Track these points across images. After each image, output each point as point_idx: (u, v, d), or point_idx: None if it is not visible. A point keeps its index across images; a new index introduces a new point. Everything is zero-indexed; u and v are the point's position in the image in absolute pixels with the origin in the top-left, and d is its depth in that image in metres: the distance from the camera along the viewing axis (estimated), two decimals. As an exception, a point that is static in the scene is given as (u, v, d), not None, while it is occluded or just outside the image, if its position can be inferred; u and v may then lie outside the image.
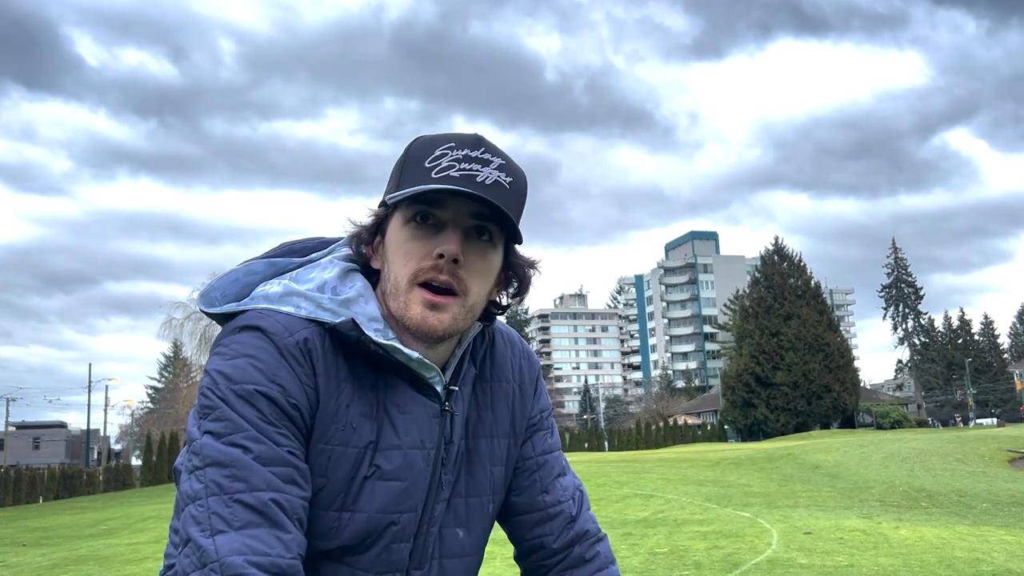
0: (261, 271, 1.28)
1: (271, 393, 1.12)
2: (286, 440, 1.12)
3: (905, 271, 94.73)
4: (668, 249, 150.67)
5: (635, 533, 11.74)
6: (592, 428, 67.72)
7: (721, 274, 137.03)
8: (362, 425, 1.18)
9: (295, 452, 1.12)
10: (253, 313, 1.20)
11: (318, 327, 1.18)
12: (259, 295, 1.23)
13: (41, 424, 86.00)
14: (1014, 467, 21.77)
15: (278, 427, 1.11)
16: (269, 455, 1.09)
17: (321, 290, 1.22)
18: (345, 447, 1.17)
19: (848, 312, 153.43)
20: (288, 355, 1.14)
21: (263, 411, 1.11)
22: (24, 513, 29.60)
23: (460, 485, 1.29)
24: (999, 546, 9.60)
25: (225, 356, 1.16)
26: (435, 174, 1.15)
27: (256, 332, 1.16)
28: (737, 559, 9.20)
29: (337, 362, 1.18)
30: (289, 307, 1.20)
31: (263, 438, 1.10)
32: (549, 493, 1.40)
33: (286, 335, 1.16)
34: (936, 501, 15.05)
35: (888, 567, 8.37)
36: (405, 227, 1.18)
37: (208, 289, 1.26)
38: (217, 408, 1.12)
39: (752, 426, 64.73)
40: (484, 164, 1.16)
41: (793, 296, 66.74)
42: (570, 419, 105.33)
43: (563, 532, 1.39)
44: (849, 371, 65.59)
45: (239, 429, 1.10)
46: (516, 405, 1.37)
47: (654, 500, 16.36)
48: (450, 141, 1.18)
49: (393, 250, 1.20)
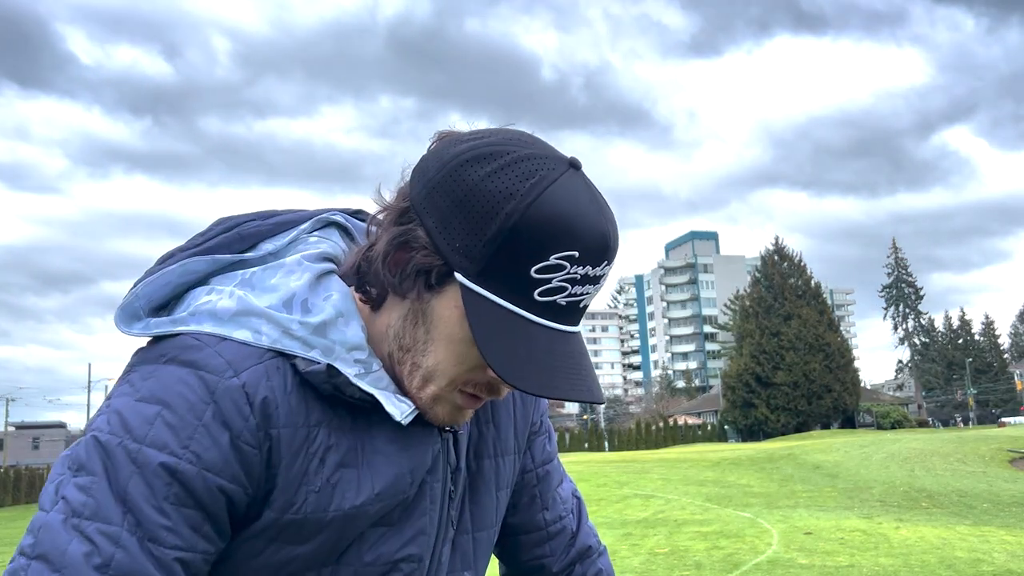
0: (201, 270, 0.94)
1: (179, 468, 0.82)
2: (174, 539, 0.82)
3: (905, 271, 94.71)
4: (668, 249, 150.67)
5: (635, 533, 11.73)
6: (592, 428, 67.73)
7: (721, 274, 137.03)
8: (344, 479, 0.90)
9: (183, 558, 0.83)
10: (188, 339, 0.88)
11: (280, 358, 0.89)
12: (203, 311, 0.90)
13: (41, 424, 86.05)
14: (1015, 467, 21.74)
15: (170, 518, 0.82)
16: (124, 566, 0.79)
17: (288, 306, 0.90)
18: (324, 512, 0.89)
19: (848, 312, 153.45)
20: (227, 405, 0.84)
21: (156, 492, 0.81)
22: (24, 513, 29.62)
23: (465, 519, 1.04)
24: (1000, 546, 9.58)
25: (136, 392, 0.86)
26: (539, 295, 0.84)
27: (186, 369, 0.86)
28: (737, 559, 9.18)
29: (306, 404, 0.89)
30: (245, 332, 0.89)
31: (132, 537, 0.80)
32: (550, 509, 1.19)
33: (227, 375, 0.85)
34: (936, 501, 15.03)
35: (889, 567, 8.35)
36: (467, 324, 0.86)
37: (131, 298, 0.93)
38: (90, 473, 0.82)
39: (752, 426, 64.72)
40: (596, 283, 0.87)
41: (793, 296, 66.74)
42: (570, 419, 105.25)
43: (564, 551, 1.21)
44: (849, 371, 65.59)
45: (103, 518, 0.80)
46: (518, 414, 1.13)
47: (654, 500, 16.34)
48: (574, 246, 0.83)
49: (445, 334, 0.88)
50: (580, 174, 0.88)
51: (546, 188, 0.84)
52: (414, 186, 0.90)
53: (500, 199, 0.83)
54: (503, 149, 0.86)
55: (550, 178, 0.84)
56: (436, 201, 0.86)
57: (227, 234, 0.97)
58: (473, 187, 0.84)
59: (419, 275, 0.88)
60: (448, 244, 0.85)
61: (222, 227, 0.98)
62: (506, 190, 0.83)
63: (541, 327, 0.85)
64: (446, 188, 0.86)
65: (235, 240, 0.97)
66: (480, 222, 0.84)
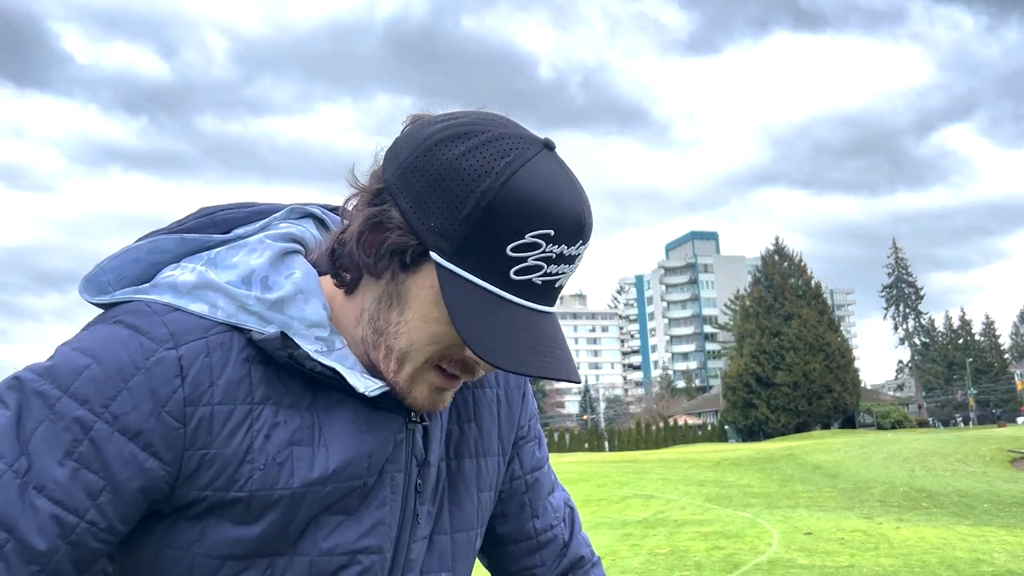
0: (171, 249, 0.94)
1: (93, 426, 0.80)
2: (62, 494, 0.79)
3: (906, 271, 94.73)
4: (668, 249, 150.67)
5: (635, 534, 11.72)
6: (592, 428, 67.80)
7: (721, 274, 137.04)
8: (294, 457, 0.87)
9: (60, 517, 0.79)
10: (140, 305, 0.88)
11: (230, 333, 0.88)
12: (163, 283, 0.90)
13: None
14: (1015, 467, 21.73)
15: (67, 473, 0.79)
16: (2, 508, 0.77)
17: (247, 282, 0.90)
18: (271, 490, 0.86)
19: (848, 312, 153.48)
20: (156, 378, 0.82)
21: (62, 444, 0.79)
22: (24, 513, 29.64)
23: (444, 519, 1.01)
24: (1000, 546, 9.58)
25: (76, 340, 0.86)
26: (515, 274, 0.84)
27: (128, 331, 0.85)
28: (738, 560, 9.18)
29: (251, 381, 0.87)
30: (201, 304, 0.88)
31: (16, 480, 0.78)
32: (540, 518, 1.15)
33: (166, 345, 0.84)
34: (937, 501, 15.03)
35: (889, 567, 8.35)
36: (442, 305, 0.85)
37: (97, 271, 0.93)
38: (4, 402, 0.81)
39: (752, 426, 64.73)
40: (572, 262, 0.87)
41: (794, 296, 66.75)
42: (570, 419, 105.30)
43: (556, 561, 1.16)
44: (850, 371, 65.60)
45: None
46: (503, 415, 1.10)
47: (654, 500, 16.34)
48: (549, 224, 0.83)
49: (419, 314, 0.87)
50: (554, 155, 0.88)
51: (521, 167, 0.83)
52: (387, 168, 0.89)
53: (475, 177, 0.83)
54: (477, 129, 0.86)
55: (525, 157, 0.84)
56: (410, 181, 0.86)
57: (202, 219, 0.98)
58: (448, 166, 0.84)
59: (394, 255, 0.87)
60: (423, 224, 0.85)
61: (199, 213, 0.99)
62: (481, 168, 0.83)
63: (517, 306, 0.85)
64: (420, 168, 0.85)
65: (208, 224, 0.97)
66: (455, 201, 0.83)
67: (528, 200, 0.83)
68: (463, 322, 0.83)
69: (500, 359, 0.83)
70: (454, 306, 0.84)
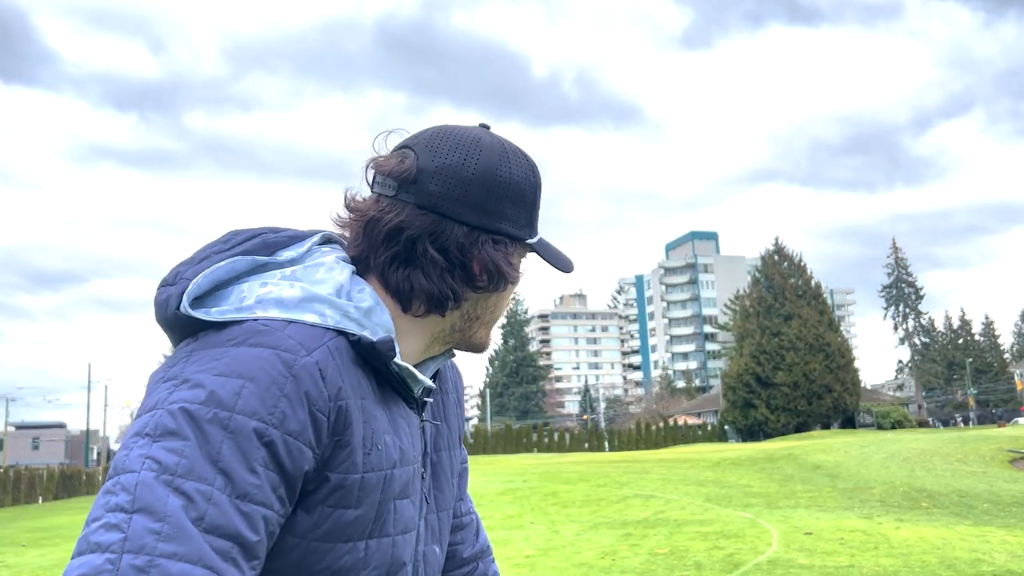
0: (242, 270, 1.04)
1: (268, 433, 0.90)
2: (263, 496, 0.90)
3: (906, 271, 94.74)
4: (668, 249, 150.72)
5: (635, 533, 11.72)
6: (592, 428, 67.78)
7: (721, 274, 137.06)
8: (386, 444, 1.04)
9: (267, 516, 0.90)
10: (257, 325, 0.97)
11: (338, 339, 1.01)
12: (269, 300, 1.01)
13: (40, 424, 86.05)
14: (1015, 467, 21.73)
15: (260, 477, 0.89)
16: (215, 520, 0.85)
17: (339, 295, 1.04)
18: (375, 472, 1.02)
19: (848, 312, 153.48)
20: (304, 382, 0.94)
21: (248, 456, 0.89)
22: (23, 513, 29.61)
23: (433, 501, 1.21)
24: (1000, 546, 9.58)
25: (215, 370, 0.92)
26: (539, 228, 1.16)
27: (260, 349, 0.94)
28: (738, 559, 9.18)
29: (359, 379, 1.02)
30: (312, 315, 1.00)
31: (223, 495, 0.86)
32: (464, 501, 1.41)
33: (302, 354, 0.95)
34: (937, 501, 15.03)
35: (889, 567, 8.35)
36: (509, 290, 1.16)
37: (193, 288, 1.00)
38: (182, 437, 0.87)
39: (752, 426, 64.74)
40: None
41: (794, 296, 66.76)
42: (570, 419, 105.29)
43: (472, 543, 1.41)
44: (850, 371, 65.60)
45: (197, 476, 0.86)
46: (457, 414, 1.33)
47: (654, 500, 16.34)
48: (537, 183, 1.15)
49: (511, 288, 1.15)
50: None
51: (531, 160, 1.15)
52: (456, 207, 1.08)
53: (527, 172, 1.12)
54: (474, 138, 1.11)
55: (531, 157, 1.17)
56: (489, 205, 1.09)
57: (253, 240, 1.09)
58: (510, 180, 1.10)
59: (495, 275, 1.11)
60: (515, 227, 1.11)
61: (243, 236, 1.09)
62: (528, 169, 1.13)
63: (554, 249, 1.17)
64: (491, 193, 1.09)
65: (261, 247, 1.09)
66: (523, 195, 1.11)
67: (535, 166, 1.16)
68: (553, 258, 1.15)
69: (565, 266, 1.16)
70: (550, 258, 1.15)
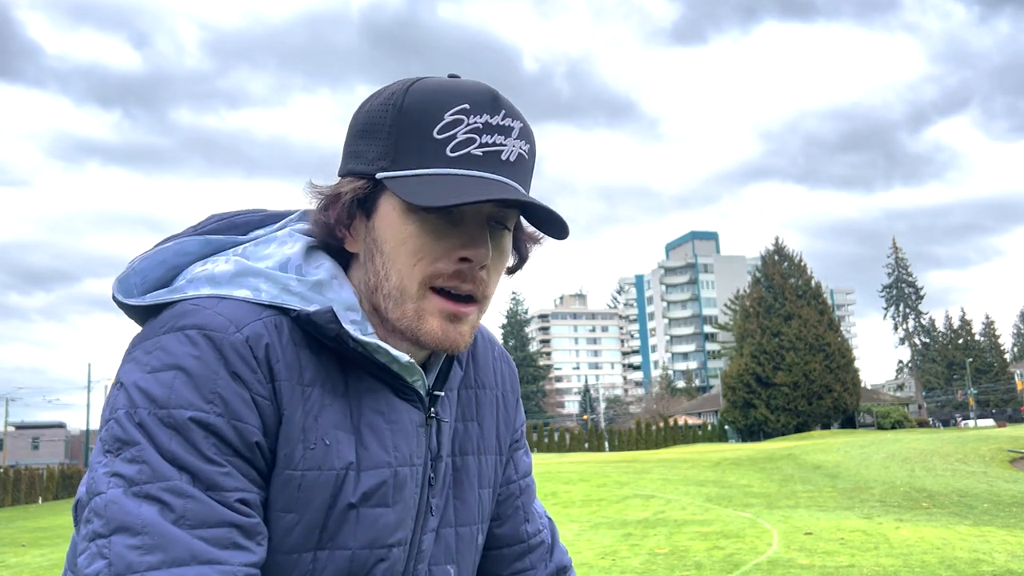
0: (195, 251, 0.99)
1: (209, 420, 0.84)
2: (232, 482, 0.84)
3: (906, 271, 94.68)
4: (668, 249, 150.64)
5: (635, 534, 11.72)
6: (592, 428, 67.71)
7: (721, 274, 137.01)
8: (338, 440, 0.91)
9: (246, 499, 0.85)
10: (186, 305, 0.90)
11: (278, 316, 0.92)
12: (200, 277, 0.94)
13: (40, 424, 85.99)
14: (1015, 467, 21.73)
15: (221, 465, 0.84)
16: (199, 514, 0.82)
17: (283, 268, 0.95)
18: (319, 471, 0.89)
19: (848, 312, 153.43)
20: (234, 359, 0.86)
21: (199, 446, 0.83)
22: (23, 513, 29.62)
23: (449, 512, 1.04)
24: (1000, 546, 9.57)
25: (146, 366, 0.87)
26: (452, 152, 0.88)
27: (189, 332, 0.87)
28: (738, 560, 9.18)
29: (300, 363, 0.91)
30: (245, 290, 0.92)
31: (194, 488, 0.82)
32: (531, 522, 1.21)
33: (231, 331, 0.88)
34: (937, 501, 15.02)
35: (889, 567, 8.35)
36: (410, 216, 0.91)
37: (127, 273, 0.96)
38: (134, 443, 0.83)
39: (752, 426, 64.70)
40: (507, 134, 0.91)
41: (794, 296, 66.71)
42: (570, 419, 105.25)
43: (543, 565, 1.21)
44: (850, 371, 65.54)
45: (161, 477, 0.82)
46: (501, 416, 1.15)
47: (654, 500, 16.34)
48: (461, 100, 0.90)
49: (394, 243, 0.92)
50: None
51: (418, 79, 0.94)
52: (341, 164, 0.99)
53: (383, 102, 0.93)
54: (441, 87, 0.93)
55: (416, 77, 0.95)
56: (347, 147, 0.96)
57: (220, 222, 1.03)
58: (365, 115, 0.95)
59: (355, 206, 0.94)
60: (363, 163, 0.93)
61: (215, 218, 1.04)
62: (385, 95, 0.94)
63: (466, 176, 0.89)
64: (350, 134, 0.96)
65: (228, 227, 1.02)
66: (376, 128, 0.93)
67: (433, 90, 0.91)
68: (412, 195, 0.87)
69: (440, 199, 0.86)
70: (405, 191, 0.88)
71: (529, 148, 0.95)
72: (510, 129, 0.92)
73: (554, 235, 0.95)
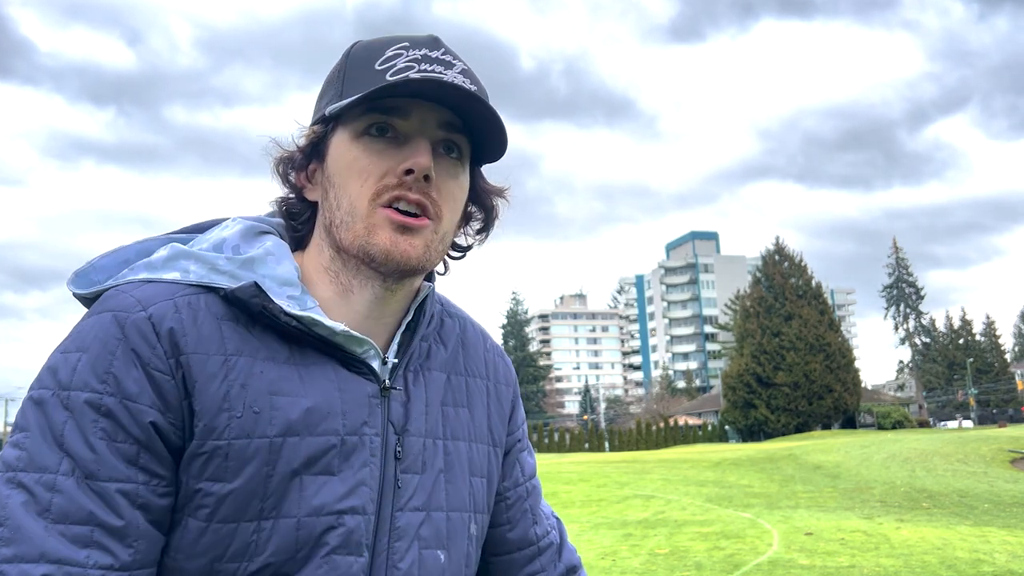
0: (155, 249, 1.01)
1: (102, 402, 0.85)
2: (111, 471, 0.84)
3: (906, 271, 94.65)
4: (669, 249, 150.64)
5: (635, 534, 11.72)
6: (592, 428, 67.74)
7: (722, 274, 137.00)
8: (273, 407, 0.90)
9: (126, 490, 0.84)
10: (111, 291, 0.93)
11: (199, 294, 0.93)
12: (140, 265, 0.97)
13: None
14: (1015, 467, 21.72)
15: (102, 453, 0.84)
16: (64, 508, 0.81)
17: (219, 249, 0.98)
18: (248, 439, 0.88)
19: (849, 312, 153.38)
20: (134, 336, 0.87)
21: (87, 430, 0.84)
22: (24, 513, 29.57)
23: (439, 495, 1.02)
24: (1001, 547, 9.57)
25: (60, 347, 0.90)
26: (391, 75, 0.92)
27: (102, 315, 0.90)
28: (738, 560, 9.17)
29: (222, 334, 0.91)
30: (175, 272, 0.95)
31: (69, 480, 0.82)
32: (539, 524, 1.20)
33: (136, 310, 0.89)
34: (937, 502, 15.02)
35: (889, 568, 8.34)
36: (357, 142, 0.95)
37: (88, 268, 0.99)
38: (24, 428, 0.85)
39: (753, 426, 64.68)
40: (447, 67, 0.95)
41: (794, 296, 66.70)
42: (570, 419, 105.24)
43: (552, 566, 1.20)
44: (850, 371, 65.53)
45: (38, 466, 0.82)
46: (492, 406, 1.14)
47: (655, 501, 16.33)
48: (402, 41, 0.96)
49: (342, 171, 0.96)
50: None
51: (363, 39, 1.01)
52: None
53: (338, 61, 1.01)
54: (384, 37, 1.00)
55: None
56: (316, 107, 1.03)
57: (187, 227, 1.07)
58: (327, 76, 1.02)
59: (310, 148, 0.99)
60: (318, 113, 1.00)
61: (186, 227, 1.07)
62: (343, 54, 1.00)
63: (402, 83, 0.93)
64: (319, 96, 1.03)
65: (194, 230, 1.06)
66: (329, 81, 1.01)
67: (378, 39, 0.99)
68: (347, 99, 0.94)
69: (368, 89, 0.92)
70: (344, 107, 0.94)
71: (478, 90, 0.97)
72: (451, 64, 0.96)
73: (495, 151, 1.01)
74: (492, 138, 0.99)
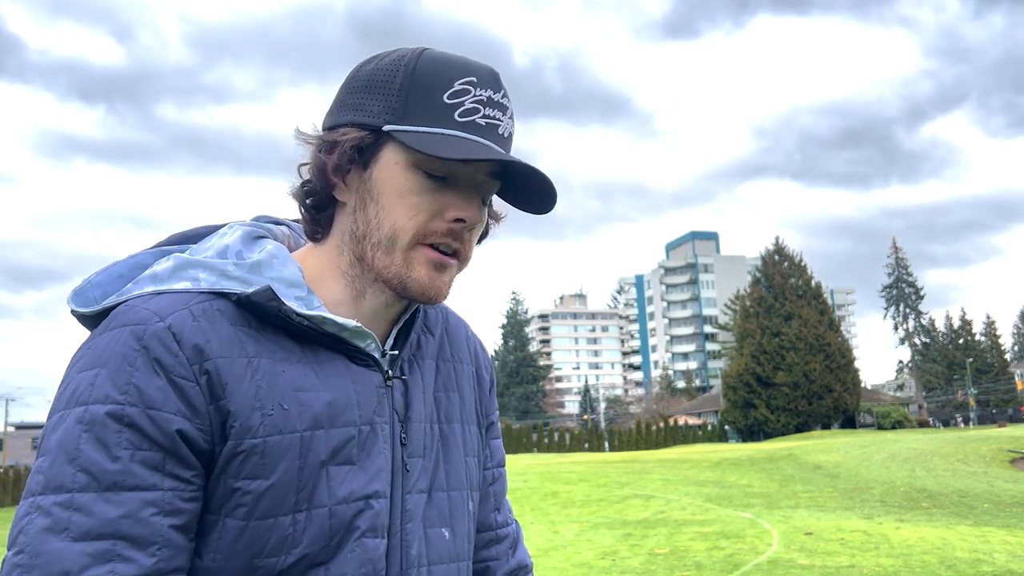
0: (148, 263, 1.02)
1: (124, 412, 0.85)
2: (135, 480, 0.85)
3: (906, 270, 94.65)
4: (668, 249, 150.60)
5: (635, 534, 11.72)
6: (592, 428, 67.71)
7: (722, 274, 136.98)
8: (298, 403, 0.93)
9: (153, 499, 0.85)
10: (120, 307, 0.94)
11: (213, 300, 0.95)
12: (144, 278, 0.98)
13: (40, 424, 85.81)
14: (1015, 467, 21.72)
15: (125, 463, 0.85)
16: (83, 526, 0.82)
17: (224, 256, 0.99)
18: (281, 435, 0.91)
19: (849, 312, 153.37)
20: (155, 347, 0.88)
21: (108, 442, 0.85)
22: (24, 513, 29.57)
23: (440, 476, 1.07)
24: (1000, 546, 9.57)
25: (75, 367, 0.91)
26: (460, 116, 0.95)
27: (117, 330, 0.91)
28: (738, 560, 9.18)
29: (240, 339, 0.93)
30: (185, 282, 0.96)
31: (88, 496, 0.83)
32: (500, 512, 1.24)
33: (154, 321, 0.90)
34: (937, 501, 15.02)
35: (889, 567, 8.35)
36: (412, 172, 0.96)
37: (85, 285, 1.00)
38: (43, 450, 0.87)
39: (753, 426, 64.68)
40: (504, 111, 0.99)
41: (794, 296, 66.69)
42: (570, 419, 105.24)
43: (507, 558, 1.24)
44: (850, 371, 65.52)
45: (54, 488, 0.83)
46: (476, 390, 1.20)
47: (655, 501, 16.33)
48: (470, 73, 0.97)
49: (391, 194, 0.96)
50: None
51: (425, 49, 1.00)
52: (325, 118, 1.02)
53: (395, 63, 0.98)
54: (451, 58, 0.99)
55: (421, 48, 1.00)
56: (346, 100, 1.00)
57: (175, 236, 1.08)
58: (370, 72, 0.99)
59: (354, 153, 0.97)
60: (368, 116, 0.97)
61: (173, 237, 1.08)
62: (397, 59, 0.99)
63: (473, 140, 0.95)
64: (349, 89, 1.00)
65: (182, 240, 1.07)
66: (384, 84, 0.97)
67: (444, 60, 0.98)
68: (427, 147, 0.92)
69: (446, 151, 0.92)
70: (419, 143, 0.93)
71: (513, 131, 1.02)
72: (506, 108, 0.99)
73: (534, 210, 1.03)
74: (533, 191, 1.01)
